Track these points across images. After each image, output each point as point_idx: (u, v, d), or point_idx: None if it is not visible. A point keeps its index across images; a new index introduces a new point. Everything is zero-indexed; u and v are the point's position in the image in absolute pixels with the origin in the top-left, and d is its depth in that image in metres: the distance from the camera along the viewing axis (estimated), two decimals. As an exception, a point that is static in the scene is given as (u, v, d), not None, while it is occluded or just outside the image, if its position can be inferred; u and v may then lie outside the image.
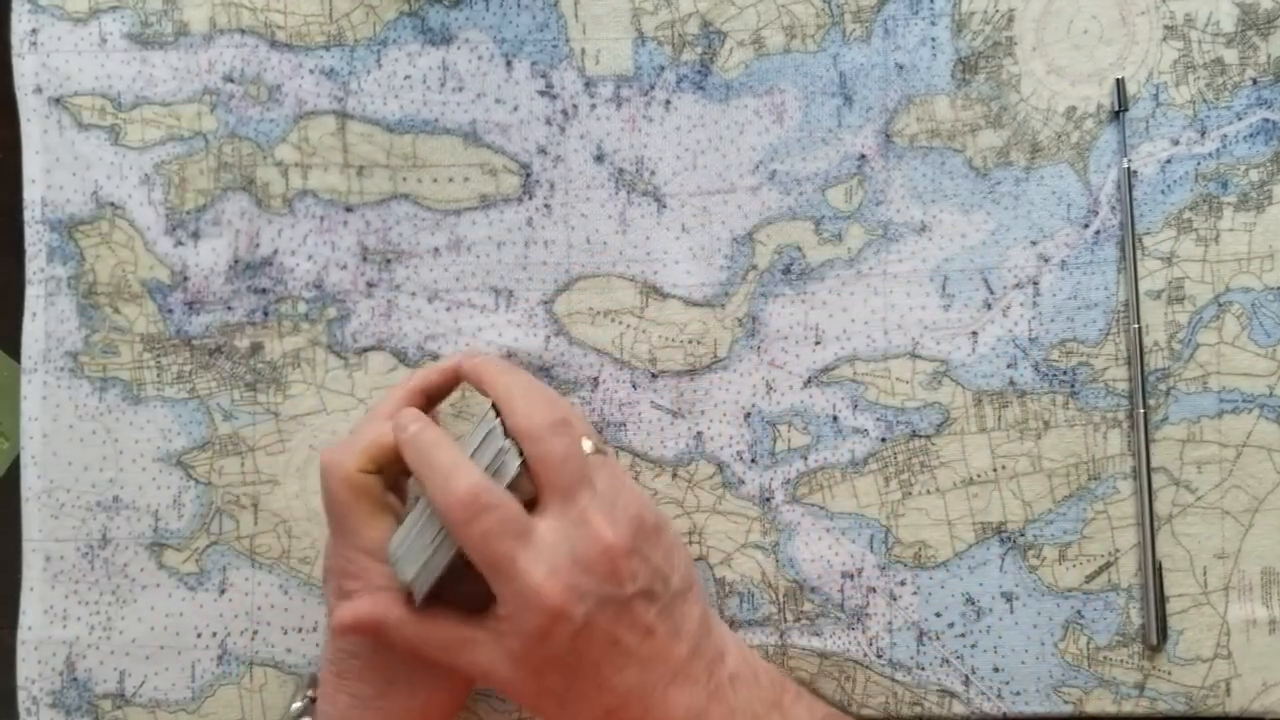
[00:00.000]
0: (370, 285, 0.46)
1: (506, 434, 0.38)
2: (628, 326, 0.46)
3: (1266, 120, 0.45)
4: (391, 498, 0.40)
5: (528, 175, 0.46)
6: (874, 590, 0.45)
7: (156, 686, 0.45)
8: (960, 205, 0.45)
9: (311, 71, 0.46)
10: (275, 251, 0.46)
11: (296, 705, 0.42)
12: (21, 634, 0.45)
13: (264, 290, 0.46)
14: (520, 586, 0.35)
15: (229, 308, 0.46)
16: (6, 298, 0.46)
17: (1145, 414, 0.44)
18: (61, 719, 0.45)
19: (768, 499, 0.45)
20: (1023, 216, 0.45)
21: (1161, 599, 0.44)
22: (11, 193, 0.46)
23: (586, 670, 0.36)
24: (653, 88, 0.46)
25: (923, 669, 0.45)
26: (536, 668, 0.36)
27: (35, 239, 0.46)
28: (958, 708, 0.44)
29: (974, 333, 0.45)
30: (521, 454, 0.37)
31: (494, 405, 0.39)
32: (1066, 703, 0.44)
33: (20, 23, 0.46)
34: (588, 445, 0.38)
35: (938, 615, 0.45)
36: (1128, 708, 0.44)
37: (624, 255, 0.46)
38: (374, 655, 0.39)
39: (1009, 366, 0.45)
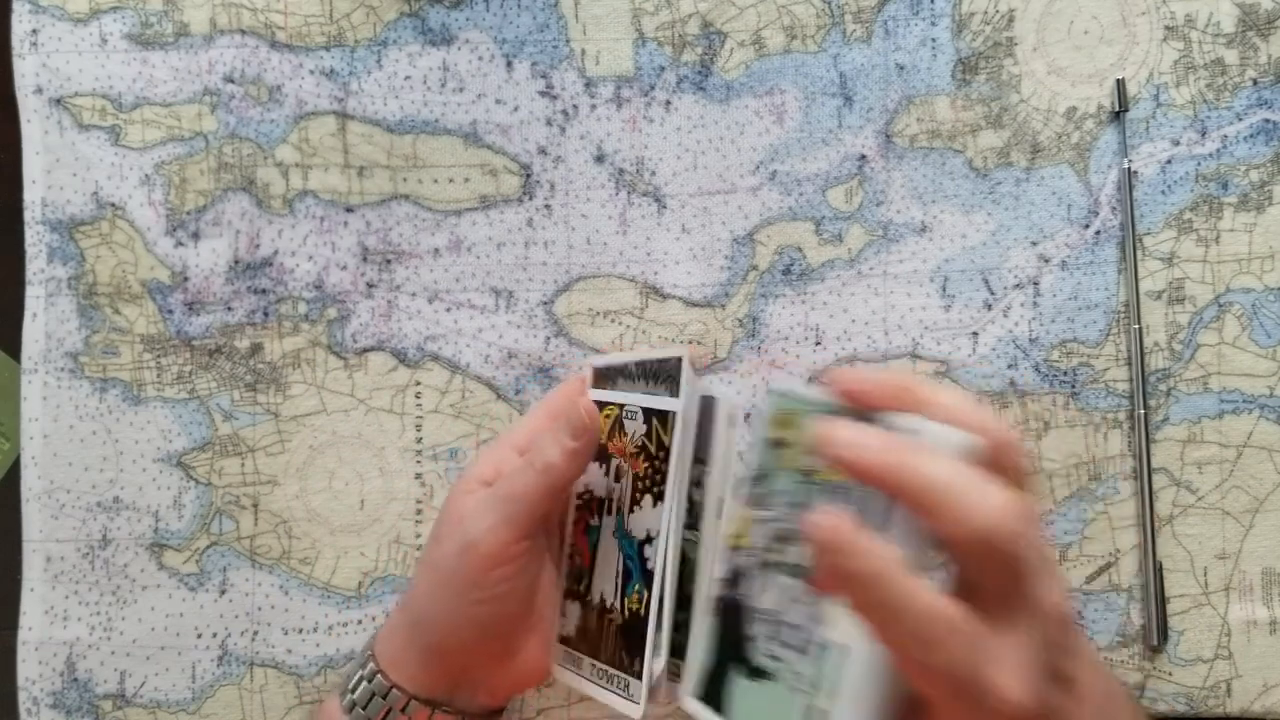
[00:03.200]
0: (370, 286, 0.46)
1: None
2: (628, 327, 0.46)
3: (1267, 121, 0.45)
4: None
5: (528, 176, 0.46)
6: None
7: (157, 687, 0.45)
8: (961, 206, 0.45)
9: (312, 72, 0.46)
10: (275, 252, 0.46)
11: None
12: (22, 634, 0.45)
13: (264, 291, 0.46)
14: (994, 701, 0.29)
15: (229, 308, 0.46)
16: (6, 298, 0.46)
17: (1146, 414, 0.44)
18: (62, 719, 0.45)
19: (768, 499, 0.45)
20: (1023, 217, 0.45)
21: (1162, 600, 0.44)
22: (12, 193, 0.46)
23: None
24: (653, 88, 0.46)
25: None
26: None
27: (35, 239, 0.46)
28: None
29: (974, 333, 0.45)
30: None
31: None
32: (1067, 703, 0.44)
33: (20, 23, 0.46)
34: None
35: (938, 616, 0.44)
36: (1128, 708, 0.44)
37: (624, 256, 0.46)
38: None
39: (1009, 367, 0.45)
